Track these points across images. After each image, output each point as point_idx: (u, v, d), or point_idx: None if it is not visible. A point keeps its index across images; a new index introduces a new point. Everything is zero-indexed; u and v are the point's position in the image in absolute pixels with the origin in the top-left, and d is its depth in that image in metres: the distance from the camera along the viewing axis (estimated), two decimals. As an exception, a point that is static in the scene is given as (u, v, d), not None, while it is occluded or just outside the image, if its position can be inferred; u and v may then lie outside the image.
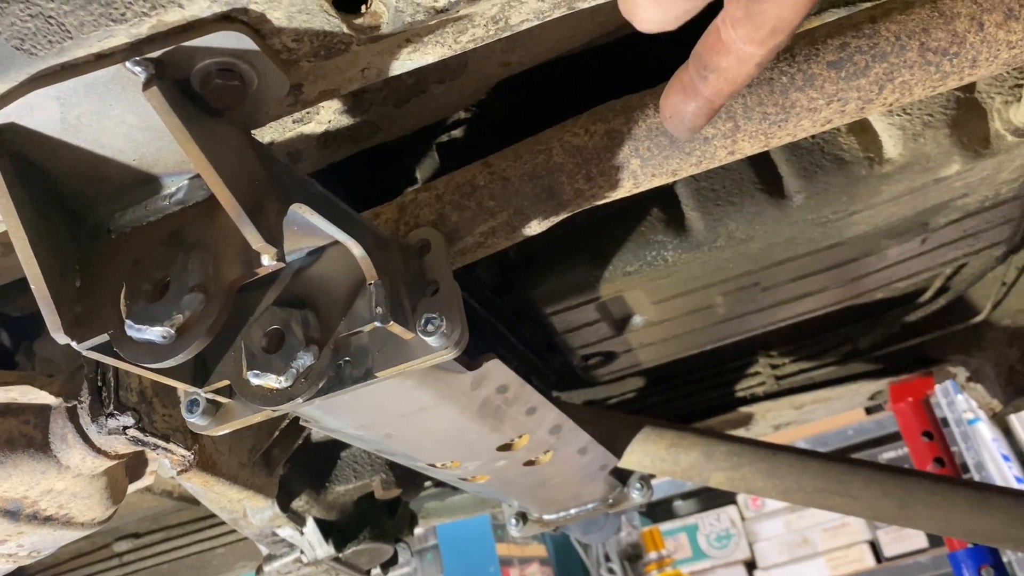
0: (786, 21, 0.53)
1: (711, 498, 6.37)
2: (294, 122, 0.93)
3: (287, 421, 1.13)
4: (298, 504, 1.52)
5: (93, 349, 0.70)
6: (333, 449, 1.59)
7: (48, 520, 1.03)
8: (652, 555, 5.83)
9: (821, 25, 0.82)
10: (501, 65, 0.95)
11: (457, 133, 1.33)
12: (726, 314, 1.41)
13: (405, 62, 0.69)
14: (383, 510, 1.73)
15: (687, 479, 1.62)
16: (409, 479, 1.66)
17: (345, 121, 0.98)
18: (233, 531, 2.41)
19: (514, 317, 1.33)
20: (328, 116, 0.96)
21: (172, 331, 0.65)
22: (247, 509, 1.45)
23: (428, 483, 1.99)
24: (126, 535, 2.52)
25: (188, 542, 2.44)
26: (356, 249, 0.77)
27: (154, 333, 0.65)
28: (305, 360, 0.79)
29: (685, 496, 6.40)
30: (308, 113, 0.93)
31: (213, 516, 2.45)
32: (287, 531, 1.55)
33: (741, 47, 0.55)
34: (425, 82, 0.96)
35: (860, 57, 0.79)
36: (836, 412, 2.26)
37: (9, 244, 1.09)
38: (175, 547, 2.45)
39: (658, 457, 1.60)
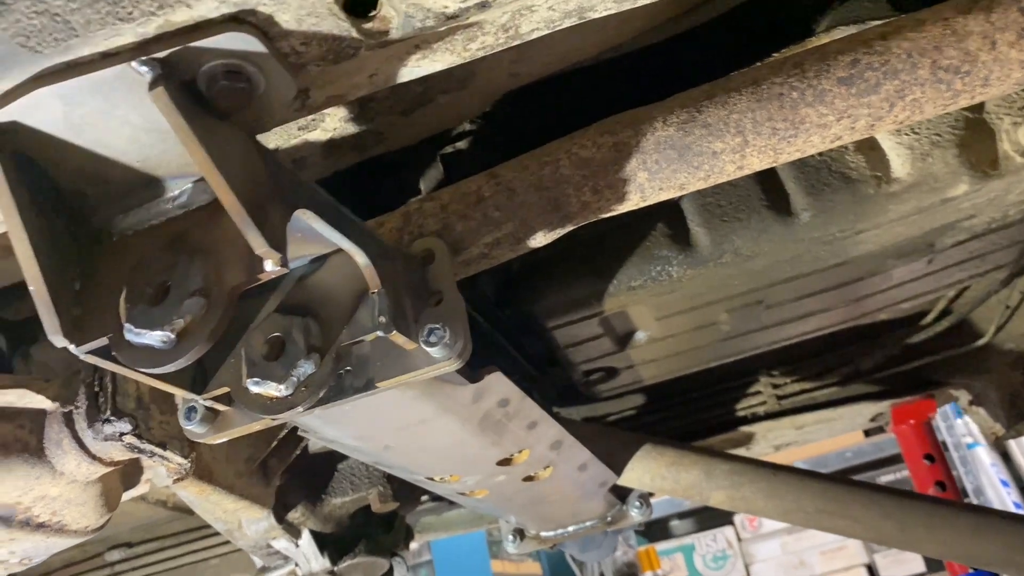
0: None
1: (708, 518, 6.34)
2: (299, 129, 0.93)
3: (285, 431, 1.12)
4: (294, 516, 1.51)
5: (91, 353, 0.68)
6: (330, 461, 1.58)
7: (41, 527, 1.02)
8: (648, 575, 5.80)
9: (832, 41, 0.81)
10: (509, 76, 0.95)
11: (462, 144, 1.32)
12: (730, 332, 1.40)
13: (414, 69, 0.69)
14: (379, 524, 1.71)
15: (687, 497, 1.60)
16: (406, 493, 1.64)
17: (351, 129, 0.98)
18: (227, 542, 2.39)
19: (516, 330, 1.32)
20: (334, 124, 0.96)
21: (172, 336, 0.64)
22: (242, 520, 1.44)
23: (425, 497, 1.98)
24: (119, 544, 2.50)
25: (181, 552, 2.42)
26: (360, 257, 0.76)
27: (153, 337, 0.64)
28: (306, 368, 0.78)
29: (682, 516, 6.37)
30: (314, 120, 0.92)
31: (207, 527, 2.43)
32: (282, 543, 1.53)
33: None
34: (432, 91, 0.96)
35: (871, 74, 0.79)
36: (837, 433, 2.24)
37: (9, 247, 1.09)
38: (168, 557, 2.43)
39: (658, 475, 1.59)
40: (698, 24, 0.99)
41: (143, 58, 0.56)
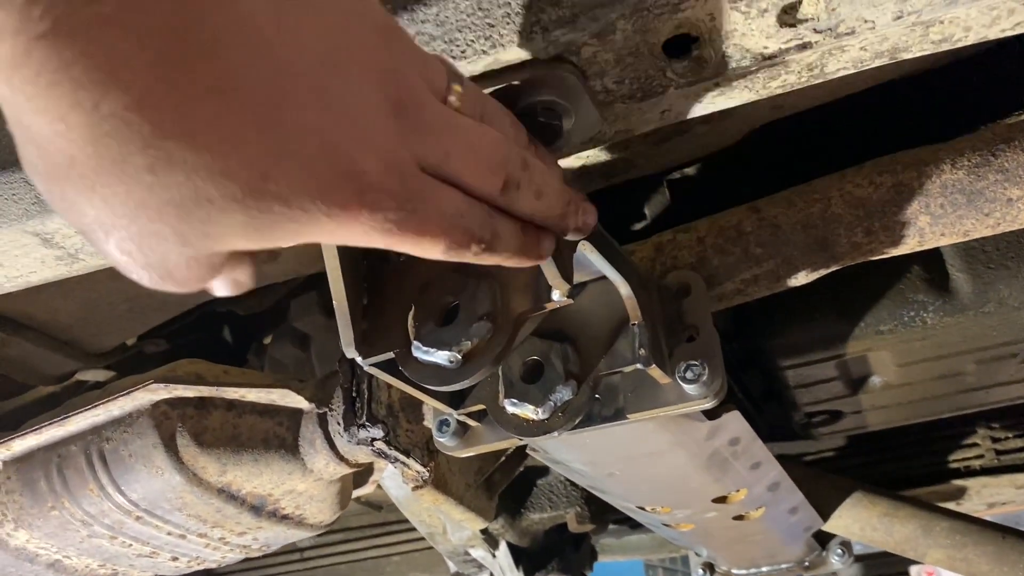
0: None
1: (878, 565, 5.94)
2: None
3: (513, 448, 1.14)
4: (494, 527, 1.54)
5: (374, 365, 0.72)
6: (530, 476, 1.60)
7: (284, 518, 1.08)
8: (811, 619, 5.52)
9: None
10: (772, 108, 0.92)
11: (691, 171, 1.31)
12: (973, 383, 1.30)
13: (707, 105, 0.68)
14: (570, 542, 1.72)
15: (899, 552, 1.51)
16: (600, 515, 1.64)
17: (603, 157, 0.98)
18: (408, 541, 2.46)
19: (738, 364, 1.29)
20: (588, 151, 0.96)
21: (459, 356, 0.66)
22: (447, 526, 1.48)
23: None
24: (309, 532, 2.62)
25: (366, 546, 2.52)
26: (624, 288, 0.76)
27: (441, 356, 0.66)
28: (563, 394, 0.79)
29: (850, 561, 6.00)
30: (571, 147, 0.93)
31: (391, 524, 2.52)
32: (480, 552, 1.57)
33: None
34: (691, 122, 0.94)
35: None
36: (1062, 497, 2.05)
37: (274, 252, 1.16)
38: (353, 549, 2.53)
39: (869, 525, 1.50)
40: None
41: (468, 94, 0.59)
